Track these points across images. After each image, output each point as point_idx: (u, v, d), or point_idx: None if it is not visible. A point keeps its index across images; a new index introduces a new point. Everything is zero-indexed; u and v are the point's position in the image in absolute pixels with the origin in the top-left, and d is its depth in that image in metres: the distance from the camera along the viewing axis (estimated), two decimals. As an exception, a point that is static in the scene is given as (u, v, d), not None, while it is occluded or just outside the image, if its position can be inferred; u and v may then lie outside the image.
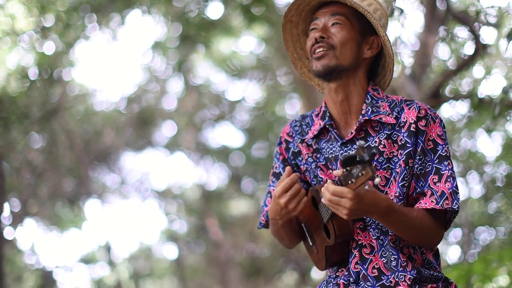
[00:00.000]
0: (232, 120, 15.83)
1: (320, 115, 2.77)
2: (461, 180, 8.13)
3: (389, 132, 2.64)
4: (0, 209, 8.59)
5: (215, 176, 16.40)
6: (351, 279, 2.64)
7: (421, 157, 2.59)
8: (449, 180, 2.56)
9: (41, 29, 9.19)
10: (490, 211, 8.62)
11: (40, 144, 12.27)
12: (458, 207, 2.56)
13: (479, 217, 8.74)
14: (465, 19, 5.97)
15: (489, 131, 7.52)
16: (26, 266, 13.50)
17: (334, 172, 2.42)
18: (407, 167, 2.59)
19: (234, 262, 15.61)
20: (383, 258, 2.60)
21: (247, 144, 16.20)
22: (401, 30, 5.70)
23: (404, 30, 5.91)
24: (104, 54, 18.82)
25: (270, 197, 2.86)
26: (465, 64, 6.39)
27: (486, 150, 8.65)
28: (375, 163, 2.61)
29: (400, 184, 2.59)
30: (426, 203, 2.55)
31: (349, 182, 2.32)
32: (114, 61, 20.95)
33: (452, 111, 7.83)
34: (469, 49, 6.35)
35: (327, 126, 2.72)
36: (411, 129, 2.60)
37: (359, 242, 2.64)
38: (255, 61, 14.56)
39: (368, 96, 2.69)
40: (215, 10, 12.62)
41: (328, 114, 2.73)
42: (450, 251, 9.20)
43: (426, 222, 2.55)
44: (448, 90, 6.93)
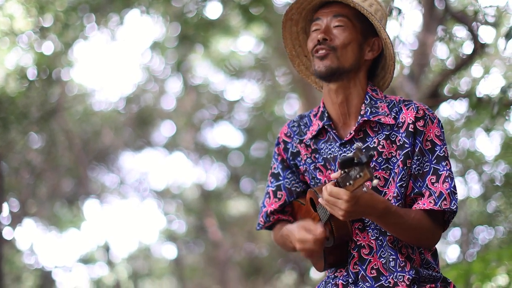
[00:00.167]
0: (230, 120, 15.83)
1: (318, 115, 2.76)
2: (460, 179, 8.12)
3: (387, 133, 2.63)
4: (-1, 209, 8.60)
5: (214, 176, 16.41)
6: (349, 279, 2.64)
7: (419, 157, 2.58)
8: (447, 180, 2.55)
9: (39, 29, 9.19)
10: (489, 210, 8.62)
11: (39, 144, 12.27)
12: (456, 207, 2.55)
13: (478, 217, 8.74)
14: (464, 18, 5.98)
15: (487, 130, 7.52)
16: (25, 266, 13.49)
17: (332, 175, 2.41)
18: (405, 167, 2.58)
19: (233, 262, 15.61)
20: (382, 259, 2.60)
21: (246, 144, 16.19)
22: (400, 30, 5.69)
23: (402, 30, 5.90)
24: (103, 54, 18.83)
25: (269, 198, 2.85)
26: (463, 64, 6.39)
27: (485, 150, 8.67)
28: (374, 163, 2.61)
29: (398, 185, 2.59)
30: (424, 204, 2.55)
31: (347, 184, 2.32)
32: (112, 61, 20.97)
33: (451, 110, 7.84)
34: (467, 48, 6.35)
35: (325, 126, 2.71)
36: (409, 129, 2.60)
37: (357, 243, 2.63)
38: (254, 61, 14.56)
39: (367, 96, 2.68)
40: (213, 10, 12.60)
41: (326, 114, 2.72)
42: (449, 250, 9.21)
43: (424, 223, 2.55)
44: (446, 90, 6.93)
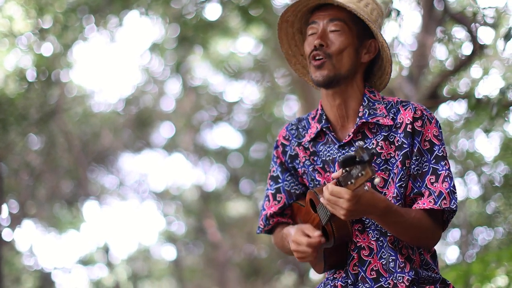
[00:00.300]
0: (230, 121, 15.83)
1: (316, 118, 2.77)
2: (459, 180, 8.11)
3: (386, 134, 2.64)
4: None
5: (213, 177, 16.41)
6: (349, 281, 2.64)
7: (417, 157, 2.59)
8: (446, 180, 2.56)
9: (39, 30, 9.20)
10: (488, 211, 8.61)
11: (38, 146, 12.26)
12: (456, 206, 2.56)
13: (478, 218, 8.73)
14: (463, 19, 5.98)
15: (487, 131, 7.51)
16: (25, 267, 13.48)
17: (333, 174, 2.41)
18: (404, 167, 2.59)
19: (233, 263, 15.61)
20: (382, 260, 2.60)
21: (245, 145, 16.20)
22: (399, 31, 5.70)
23: (401, 31, 5.90)
24: (102, 56, 18.83)
25: (268, 200, 2.85)
26: (462, 65, 6.39)
27: (484, 151, 8.63)
28: (373, 164, 2.61)
29: (397, 185, 2.59)
30: (424, 203, 2.55)
31: (349, 182, 2.31)
32: (112, 63, 20.94)
33: (450, 111, 7.82)
34: (466, 49, 6.35)
35: (324, 129, 2.72)
36: (407, 130, 2.60)
37: (357, 244, 2.63)
38: (253, 62, 14.56)
39: (365, 98, 2.69)
40: (212, 11, 12.64)
41: (324, 117, 2.73)
42: (449, 251, 9.20)
43: (424, 222, 2.56)
44: (445, 91, 6.94)
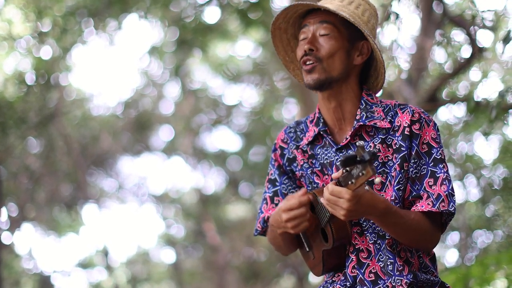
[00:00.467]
0: (229, 124, 15.83)
1: (314, 121, 2.77)
2: (459, 183, 8.12)
3: (383, 137, 2.64)
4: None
5: (212, 181, 16.40)
6: (347, 283, 2.63)
7: (416, 160, 2.59)
8: (444, 182, 2.56)
9: (38, 34, 9.20)
10: (487, 214, 8.62)
11: (38, 149, 12.27)
12: (454, 209, 2.56)
13: (477, 221, 8.74)
14: (462, 22, 5.99)
15: (486, 134, 7.52)
16: (24, 271, 13.47)
17: (333, 175, 2.41)
18: (402, 170, 2.59)
19: (232, 266, 15.60)
20: (380, 263, 2.60)
21: (244, 149, 16.19)
22: (398, 34, 5.70)
23: (400, 34, 5.91)
24: (101, 59, 18.81)
25: (266, 203, 2.84)
26: (461, 68, 6.41)
27: (483, 154, 8.65)
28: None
29: (395, 188, 2.60)
30: (422, 206, 2.55)
31: (349, 182, 2.31)
32: (111, 66, 20.96)
33: (449, 114, 7.83)
34: (465, 52, 6.37)
35: (321, 132, 2.72)
36: (405, 132, 2.60)
37: (356, 247, 2.63)
38: (252, 66, 14.57)
39: (362, 101, 2.69)
40: (211, 15, 12.62)
41: (322, 120, 2.73)
42: (448, 254, 9.21)
43: (423, 224, 2.56)
44: (444, 94, 6.95)
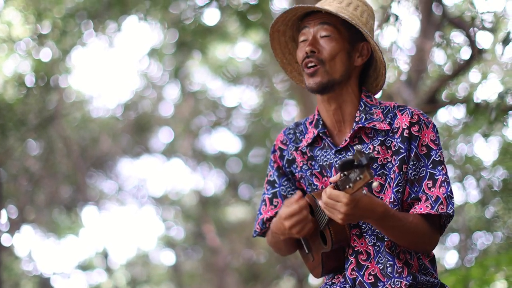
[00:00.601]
0: (228, 126, 15.82)
1: (313, 123, 2.76)
2: (458, 185, 8.12)
3: (382, 139, 2.64)
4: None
5: (212, 183, 16.38)
6: (347, 285, 2.63)
7: (414, 162, 2.58)
8: (443, 185, 2.56)
9: (37, 36, 9.20)
10: (487, 216, 8.61)
11: (37, 151, 12.26)
12: (453, 211, 2.55)
13: (476, 222, 8.74)
14: (461, 24, 5.99)
15: (485, 136, 7.51)
16: (24, 273, 13.46)
17: (331, 178, 2.40)
18: (401, 172, 2.59)
19: (232, 268, 15.58)
20: (380, 265, 2.60)
21: (244, 151, 16.18)
22: (397, 36, 5.70)
23: (400, 36, 5.91)
24: (101, 61, 18.82)
25: (265, 205, 2.84)
26: (461, 69, 6.40)
27: (483, 155, 8.65)
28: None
29: (394, 190, 2.59)
30: (421, 208, 2.55)
31: (347, 186, 2.31)
32: (110, 68, 20.95)
33: (449, 116, 7.83)
34: (465, 54, 6.36)
35: (320, 134, 2.72)
36: (404, 134, 2.60)
37: (355, 249, 2.63)
38: (252, 68, 14.57)
39: (362, 103, 2.68)
40: (211, 17, 12.63)
41: (321, 122, 2.73)
42: (448, 256, 9.21)
43: (421, 227, 2.55)
44: (444, 95, 6.95)
